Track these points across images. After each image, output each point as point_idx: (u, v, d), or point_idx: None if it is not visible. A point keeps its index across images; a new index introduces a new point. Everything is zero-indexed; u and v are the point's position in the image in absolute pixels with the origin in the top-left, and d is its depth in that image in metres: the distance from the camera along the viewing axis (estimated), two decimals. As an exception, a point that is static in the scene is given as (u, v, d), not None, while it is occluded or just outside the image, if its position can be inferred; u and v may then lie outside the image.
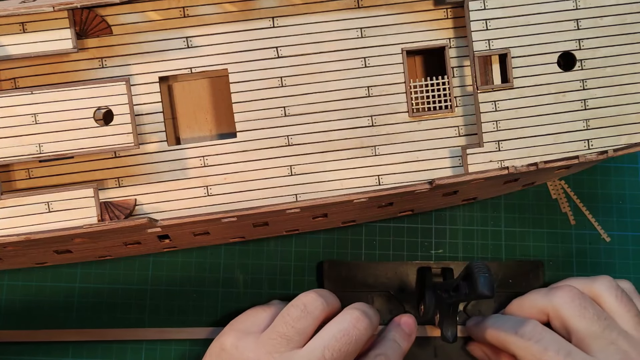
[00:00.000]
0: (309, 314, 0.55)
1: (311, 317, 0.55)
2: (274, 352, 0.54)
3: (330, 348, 0.54)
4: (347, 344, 0.54)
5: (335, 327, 0.55)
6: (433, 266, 0.65)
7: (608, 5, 0.55)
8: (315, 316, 0.55)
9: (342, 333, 0.54)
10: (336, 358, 0.53)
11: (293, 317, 0.55)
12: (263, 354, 0.54)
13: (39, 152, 0.52)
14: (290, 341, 0.54)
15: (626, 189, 0.69)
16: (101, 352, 0.65)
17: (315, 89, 0.56)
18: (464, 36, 0.57)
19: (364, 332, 0.55)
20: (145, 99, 0.56)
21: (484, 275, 0.52)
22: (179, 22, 0.56)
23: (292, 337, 0.54)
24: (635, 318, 0.58)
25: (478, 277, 0.52)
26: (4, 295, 0.65)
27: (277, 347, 0.54)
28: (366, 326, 0.55)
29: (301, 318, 0.55)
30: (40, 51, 0.53)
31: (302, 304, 0.55)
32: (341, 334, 0.54)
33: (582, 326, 0.56)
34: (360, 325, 0.55)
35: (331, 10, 0.56)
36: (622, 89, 0.56)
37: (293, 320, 0.55)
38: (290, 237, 0.67)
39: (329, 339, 0.54)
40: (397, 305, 0.65)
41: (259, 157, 0.56)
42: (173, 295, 0.65)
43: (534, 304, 0.60)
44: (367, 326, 0.55)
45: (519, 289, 0.65)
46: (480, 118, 0.55)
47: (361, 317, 0.55)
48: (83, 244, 0.55)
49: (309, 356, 0.53)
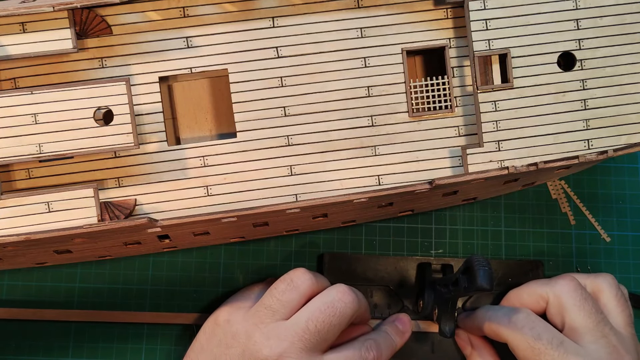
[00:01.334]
0: (295, 288, 0.56)
1: (297, 291, 0.56)
2: (259, 323, 0.55)
3: (314, 319, 0.55)
4: (330, 316, 0.55)
5: (320, 299, 0.56)
6: (433, 262, 0.66)
7: (608, 5, 0.56)
8: (301, 291, 0.56)
9: (326, 305, 0.55)
10: (319, 330, 0.54)
11: (279, 290, 0.56)
12: (250, 325, 0.56)
13: (39, 152, 0.52)
14: (275, 313, 0.56)
15: (626, 189, 0.69)
16: (101, 352, 0.65)
17: (315, 89, 0.56)
18: (464, 36, 0.57)
19: (349, 305, 0.56)
20: (145, 99, 0.56)
21: (483, 268, 0.52)
22: (178, 22, 0.56)
23: (277, 309, 0.56)
24: (628, 318, 0.60)
25: (478, 270, 0.52)
26: (4, 295, 0.65)
27: (263, 319, 0.55)
28: (352, 300, 0.56)
29: (287, 291, 0.56)
30: (40, 51, 0.53)
31: (290, 278, 0.57)
32: (325, 305, 0.55)
33: (579, 317, 0.58)
34: (345, 298, 0.56)
35: (331, 10, 0.56)
36: (622, 89, 0.56)
37: (279, 293, 0.56)
38: (290, 237, 0.67)
39: (313, 310, 0.55)
40: (396, 300, 0.65)
41: (259, 157, 0.56)
42: (173, 295, 0.65)
43: (533, 291, 0.61)
44: (352, 300, 0.56)
45: None
46: (480, 118, 0.55)
47: (347, 291, 0.56)
48: (83, 244, 0.55)
49: (293, 327, 0.54)
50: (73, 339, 0.65)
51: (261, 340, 0.55)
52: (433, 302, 0.62)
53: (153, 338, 0.65)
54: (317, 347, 0.55)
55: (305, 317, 0.55)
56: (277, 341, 0.54)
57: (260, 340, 0.55)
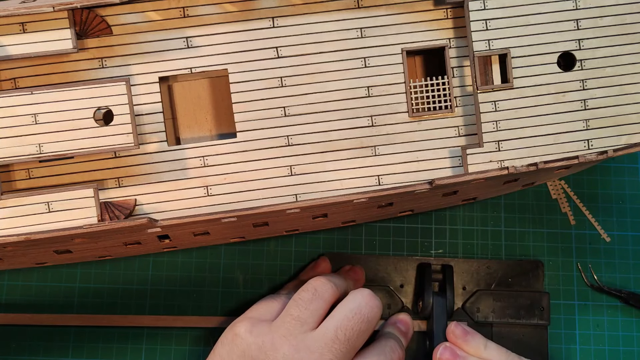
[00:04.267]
0: (320, 297, 0.55)
1: (322, 300, 0.55)
2: (288, 335, 0.54)
3: (343, 328, 0.54)
4: (359, 323, 0.54)
5: (347, 306, 0.55)
6: (433, 262, 0.66)
7: (608, 5, 0.55)
8: (325, 298, 0.55)
9: (353, 312, 0.54)
10: (349, 338, 0.54)
11: (305, 300, 0.55)
12: (278, 337, 0.54)
13: (39, 152, 0.52)
14: (304, 323, 0.54)
15: (626, 189, 0.69)
16: (101, 352, 0.65)
17: (315, 89, 0.56)
18: (464, 36, 0.57)
19: (376, 309, 0.55)
20: (145, 99, 0.56)
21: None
22: (179, 22, 0.56)
23: (305, 319, 0.54)
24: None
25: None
26: (4, 295, 0.65)
27: (291, 330, 0.54)
28: (377, 304, 0.55)
29: (313, 300, 0.55)
30: (40, 51, 0.53)
31: (313, 287, 0.56)
32: (352, 313, 0.54)
33: None
34: (372, 302, 0.55)
35: (331, 10, 0.56)
36: (622, 89, 0.56)
37: (305, 303, 0.55)
38: (290, 237, 0.67)
39: (341, 318, 0.54)
40: (395, 300, 0.65)
41: (259, 157, 0.56)
42: (173, 295, 0.65)
43: None
44: (377, 304, 0.55)
45: (519, 288, 0.65)
46: (480, 118, 0.55)
47: (372, 296, 0.56)
48: (83, 244, 0.55)
49: (323, 337, 0.53)
50: (73, 339, 0.65)
51: (291, 352, 0.53)
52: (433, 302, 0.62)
53: (153, 338, 0.65)
54: (346, 356, 0.54)
55: (334, 326, 0.54)
56: (306, 353, 0.53)
57: (289, 352, 0.53)
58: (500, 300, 0.65)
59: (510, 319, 0.65)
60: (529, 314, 0.65)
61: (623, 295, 0.67)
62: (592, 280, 0.67)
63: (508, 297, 0.65)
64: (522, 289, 0.65)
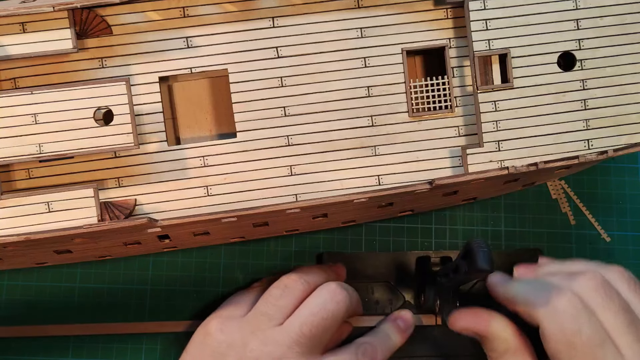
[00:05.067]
0: (289, 293, 0.56)
1: (292, 296, 0.56)
2: (256, 330, 0.55)
3: (308, 323, 0.54)
4: (324, 319, 0.55)
5: (312, 301, 0.56)
6: (432, 255, 0.66)
7: (608, 5, 0.55)
8: (296, 295, 0.56)
9: (318, 307, 0.55)
10: (314, 333, 0.54)
11: (274, 296, 0.56)
12: (247, 334, 0.55)
13: (39, 152, 0.52)
14: (272, 319, 0.55)
15: (626, 189, 0.69)
16: (101, 352, 0.65)
17: (315, 89, 0.56)
18: (464, 36, 0.57)
19: (342, 305, 0.55)
20: (145, 99, 0.56)
21: (482, 250, 0.51)
22: (179, 22, 0.56)
23: (273, 314, 0.55)
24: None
25: (477, 252, 0.51)
26: (4, 295, 0.65)
27: (260, 326, 0.55)
28: (343, 297, 0.56)
29: (282, 297, 0.56)
30: (40, 51, 0.53)
31: (284, 284, 0.57)
32: (318, 308, 0.55)
33: (606, 319, 0.52)
34: (337, 297, 0.55)
35: (331, 10, 0.56)
36: (622, 89, 0.56)
37: (274, 299, 0.56)
38: (290, 237, 0.67)
39: (306, 314, 0.55)
40: (397, 295, 0.65)
41: (259, 157, 0.56)
42: (173, 295, 0.65)
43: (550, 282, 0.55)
44: (344, 299, 0.56)
45: None
46: (480, 118, 0.55)
47: (338, 290, 0.56)
48: (83, 244, 0.55)
49: (289, 332, 0.54)
50: (73, 339, 0.65)
51: (259, 347, 0.54)
52: (434, 295, 0.62)
53: (153, 338, 0.65)
54: (313, 350, 0.55)
55: (299, 322, 0.55)
56: (274, 347, 0.54)
57: (257, 347, 0.54)
58: None
59: None
60: None
61: (623, 295, 0.67)
62: (592, 280, 0.67)
63: None
64: None
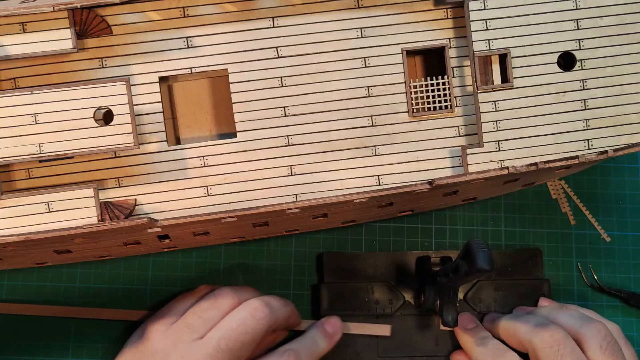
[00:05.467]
0: (217, 307, 0.57)
1: (218, 310, 0.57)
2: (178, 342, 0.55)
3: (226, 338, 0.55)
4: (242, 334, 0.55)
5: (233, 317, 0.56)
6: (432, 255, 0.66)
7: (608, 5, 0.55)
8: (223, 309, 0.57)
9: (238, 323, 0.55)
10: (231, 348, 0.54)
11: (202, 308, 0.57)
12: (170, 344, 0.56)
13: (39, 152, 0.52)
14: (194, 331, 0.56)
15: (626, 189, 0.69)
16: (101, 352, 0.65)
17: (315, 89, 0.56)
18: (464, 36, 0.57)
19: (262, 322, 0.56)
20: (145, 99, 0.56)
21: (482, 250, 0.52)
22: (179, 22, 0.56)
23: (197, 327, 0.56)
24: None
25: (477, 252, 0.52)
26: (4, 295, 0.65)
27: (182, 337, 0.56)
28: (264, 316, 0.56)
29: (208, 310, 0.56)
30: (40, 51, 0.53)
31: (214, 297, 0.57)
32: (237, 323, 0.55)
33: None
34: (258, 315, 0.56)
35: (331, 10, 0.56)
36: (622, 89, 0.56)
37: (201, 311, 0.56)
38: (290, 237, 0.67)
39: (225, 328, 0.55)
40: (397, 295, 0.65)
41: (259, 157, 0.56)
42: (173, 295, 0.65)
43: (516, 333, 0.59)
44: (265, 316, 0.56)
45: (519, 277, 0.65)
46: (480, 118, 0.55)
47: (260, 307, 0.56)
48: (83, 244, 0.55)
49: (206, 346, 0.54)
50: (73, 339, 0.65)
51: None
52: (434, 294, 0.62)
53: (153, 338, 0.65)
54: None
55: (218, 336, 0.55)
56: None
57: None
58: (501, 289, 0.65)
59: (512, 307, 0.65)
60: (530, 301, 0.65)
61: (623, 296, 0.67)
62: (592, 280, 0.67)
63: (509, 286, 0.65)
64: (522, 277, 0.65)
